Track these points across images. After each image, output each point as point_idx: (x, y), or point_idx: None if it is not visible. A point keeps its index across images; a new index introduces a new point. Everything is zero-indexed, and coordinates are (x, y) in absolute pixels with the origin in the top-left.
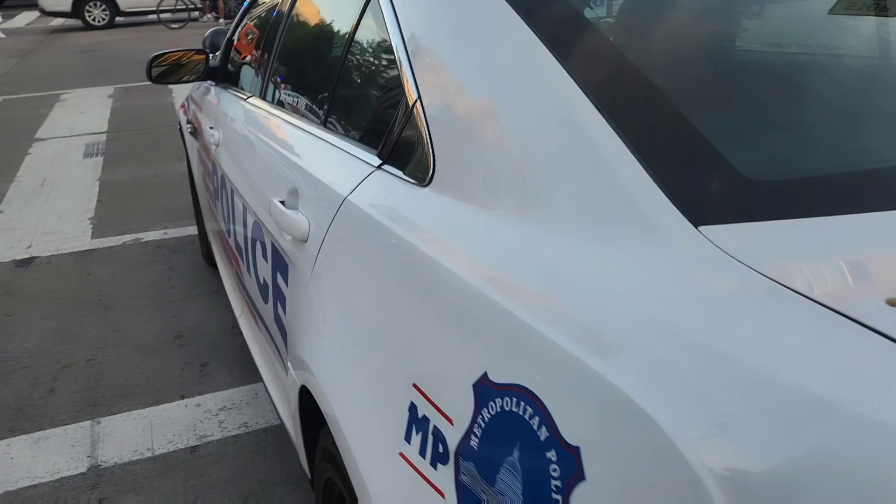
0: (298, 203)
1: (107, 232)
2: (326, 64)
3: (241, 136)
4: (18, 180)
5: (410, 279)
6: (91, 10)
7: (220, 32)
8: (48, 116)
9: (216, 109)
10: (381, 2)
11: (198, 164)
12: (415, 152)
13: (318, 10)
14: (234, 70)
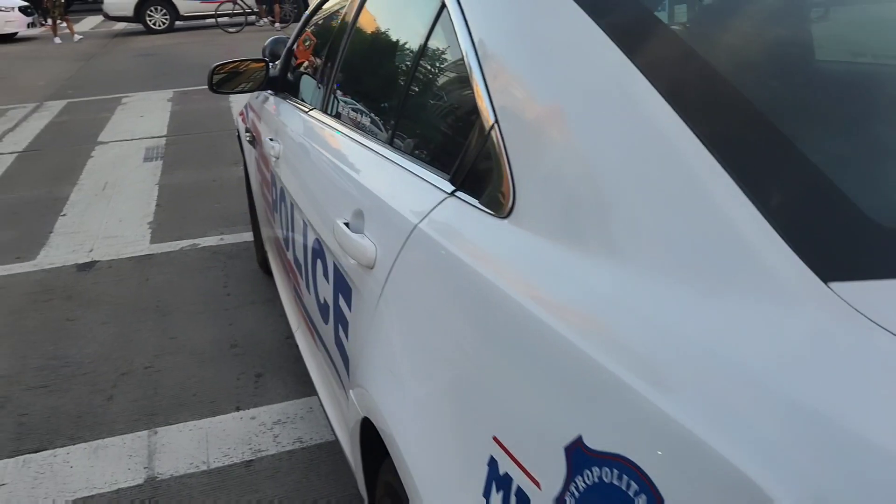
0: (364, 226)
1: (165, 237)
2: (393, 79)
3: (302, 151)
4: (81, 183)
5: (492, 323)
6: (152, 15)
7: (279, 41)
8: (110, 120)
9: (276, 120)
10: (453, 16)
11: (255, 174)
12: (491, 180)
13: (384, 22)
14: (294, 80)
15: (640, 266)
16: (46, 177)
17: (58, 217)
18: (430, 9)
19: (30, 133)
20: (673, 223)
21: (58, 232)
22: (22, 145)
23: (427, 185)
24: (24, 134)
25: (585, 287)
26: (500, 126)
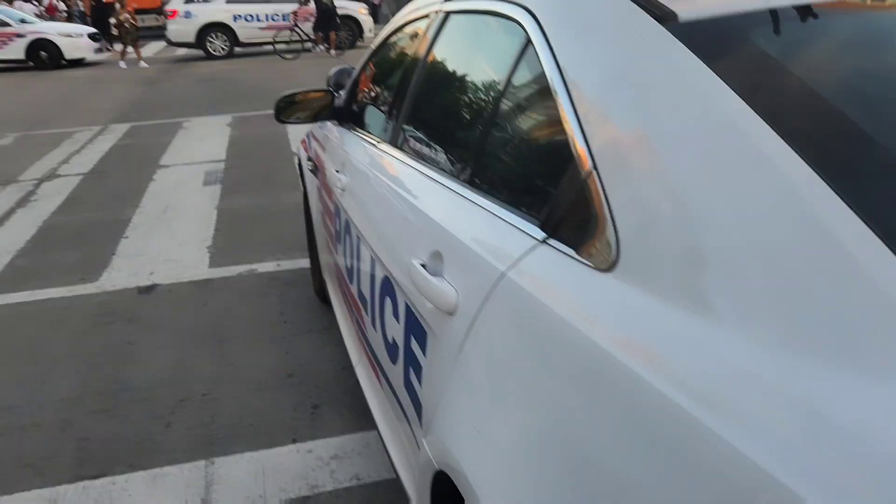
0: (443, 269)
1: (223, 261)
2: (472, 116)
3: (371, 185)
4: (143, 206)
5: (596, 387)
6: (213, 41)
7: (344, 72)
8: (171, 144)
9: (342, 152)
10: (539, 52)
11: (317, 203)
12: (590, 229)
13: (460, 55)
14: (361, 112)
15: (778, 338)
16: (110, 199)
17: (120, 239)
18: (512, 43)
19: (95, 155)
20: (815, 289)
21: (120, 254)
22: (87, 167)
23: (513, 230)
24: (89, 156)
25: (711, 358)
26: (598, 172)
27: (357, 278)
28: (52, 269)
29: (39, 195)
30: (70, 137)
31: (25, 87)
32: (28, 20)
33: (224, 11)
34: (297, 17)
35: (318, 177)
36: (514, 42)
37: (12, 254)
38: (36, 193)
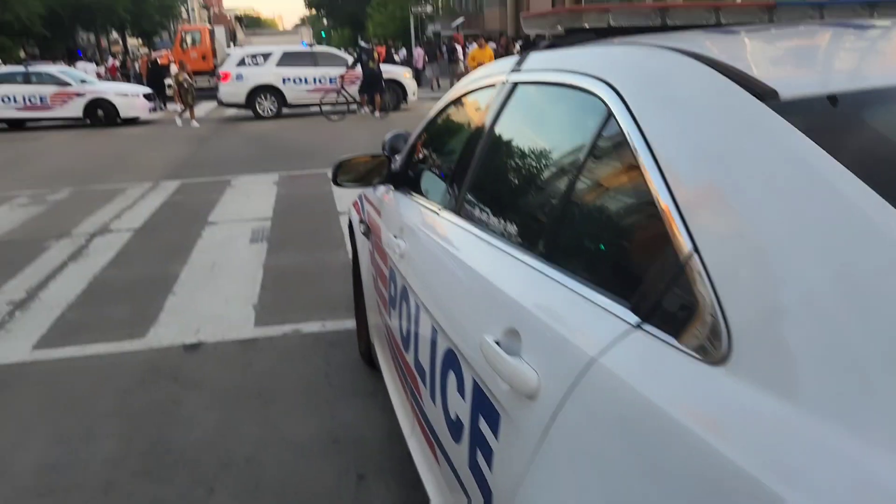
0: (521, 349)
1: (269, 320)
2: (548, 187)
3: (434, 253)
4: (191, 262)
5: (714, 496)
6: (261, 102)
7: (399, 136)
8: (219, 201)
9: (400, 217)
10: (623, 124)
11: (369, 265)
12: (693, 317)
13: (533, 124)
14: (419, 177)
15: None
16: (159, 254)
17: (168, 295)
18: (591, 116)
19: (146, 211)
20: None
21: (167, 310)
22: (138, 223)
23: (601, 312)
24: (140, 212)
25: (855, 472)
26: (701, 255)
27: (414, 347)
28: (100, 323)
29: (91, 249)
30: (123, 193)
31: (82, 143)
32: (88, 80)
33: (274, 74)
34: (344, 79)
35: (372, 240)
36: (594, 115)
37: (63, 307)
38: (88, 248)
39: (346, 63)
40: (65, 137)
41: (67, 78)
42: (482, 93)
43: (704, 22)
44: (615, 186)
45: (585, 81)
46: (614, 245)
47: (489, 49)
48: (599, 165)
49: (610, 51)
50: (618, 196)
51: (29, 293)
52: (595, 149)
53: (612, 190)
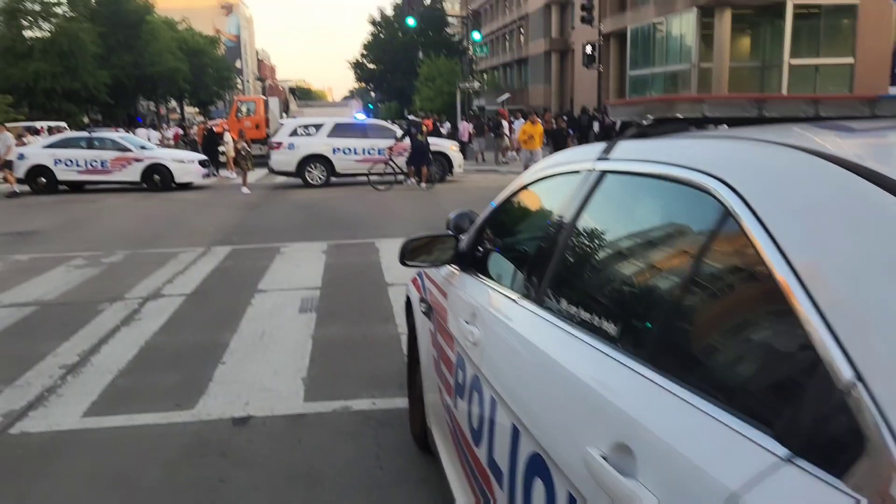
0: (636, 470)
1: (318, 395)
2: (657, 285)
3: (514, 348)
4: (241, 331)
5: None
6: (311, 171)
7: (465, 216)
8: (269, 268)
9: (470, 302)
10: (749, 228)
11: (430, 347)
12: (861, 453)
13: (632, 211)
14: (489, 260)
15: None
16: (210, 321)
17: (217, 364)
18: (705, 213)
19: (197, 276)
20: None
21: (216, 380)
22: (190, 288)
23: (737, 438)
24: (192, 277)
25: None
26: (867, 384)
27: (488, 443)
28: (150, 391)
29: (144, 314)
30: (175, 258)
31: (137, 206)
32: (147, 146)
33: (325, 144)
34: (393, 151)
35: (434, 320)
36: (707, 213)
37: (114, 373)
38: (140, 312)
39: (394, 135)
40: (121, 200)
41: (128, 144)
42: (563, 179)
43: (802, 114)
44: (746, 295)
45: (693, 176)
46: (747, 361)
47: (540, 125)
48: (721, 269)
49: (721, 145)
50: (749, 306)
51: (81, 357)
52: (713, 250)
53: (742, 298)
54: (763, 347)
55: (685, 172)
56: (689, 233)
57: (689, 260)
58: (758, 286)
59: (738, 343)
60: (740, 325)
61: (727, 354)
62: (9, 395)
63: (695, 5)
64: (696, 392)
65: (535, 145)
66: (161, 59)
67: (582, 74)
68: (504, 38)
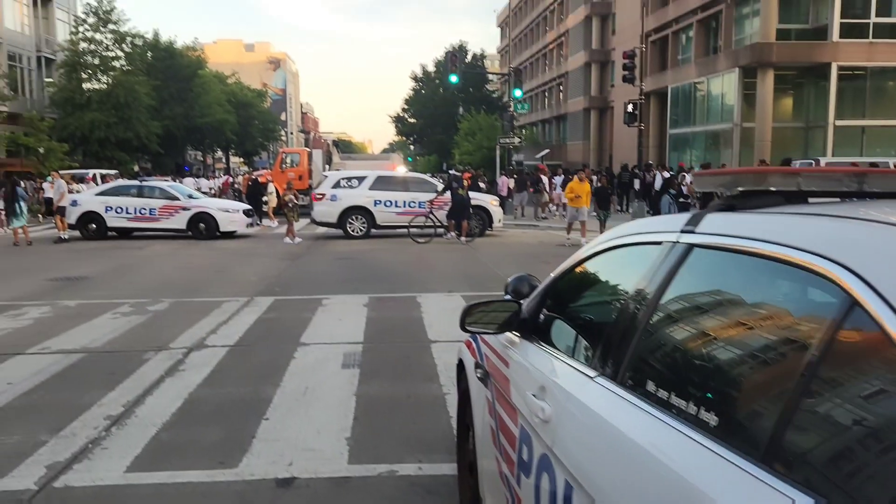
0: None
1: (362, 456)
2: (772, 375)
3: (596, 431)
4: (283, 386)
5: None
6: (352, 223)
7: (523, 280)
8: (311, 321)
9: (538, 374)
10: (887, 323)
11: (486, 416)
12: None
13: (729, 290)
14: (553, 329)
15: None
16: (253, 374)
17: (261, 420)
18: (821, 299)
19: (241, 327)
20: None
21: (260, 437)
22: (233, 339)
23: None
24: (235, 328)
25: None
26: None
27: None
28: (193, 446)
29: (188, 364)
30: (219, 307)
31: (182, 254)
32: (194, 196)
33: (366, 197)
34: (433, 204)
35: (491, 388)
36: (825, 300)
37: (158, 426)
38: (185, 362)
39: (435, 188)
40: (167, 248)
41: (176, 192)
42: (639, 250)
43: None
44: (885, 395)
45: (807, 258)
46: (885, 474)
47: (588, 183)
48: (850, 364)
49: (835, 226)
50: (891, 406)
51: (126, 408)
52: (837, 342)
53: (880, 398)
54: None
55: (796, 254)
56: (805, 320)
57: (807, 350)
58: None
59: (875, 450)
60: (880, 429)
61: (858, 461)
62: (54, 446)
63: (737, 66)
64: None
65: (581, 203)
66: (210, 111)
67: (621, 131)
68: (543, 95)
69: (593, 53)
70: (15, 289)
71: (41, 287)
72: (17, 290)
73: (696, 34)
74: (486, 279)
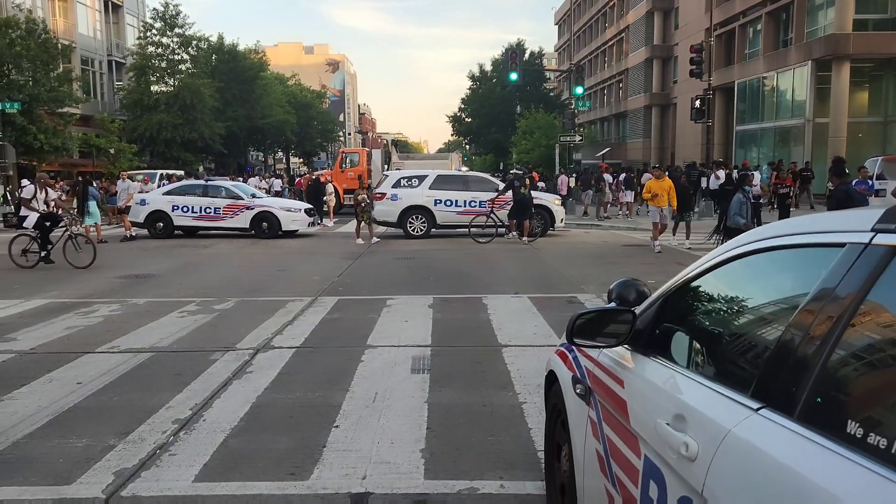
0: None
1: (440, 471)
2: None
3: (785, 485)
4: (352, 391)
5: None
6: (413, 223)
7: (630, 285)
8: (377, 322)
9: (669, 399)
10: None
11: (589, 438)
12: None
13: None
14: (679, 343)
15: None
16: (320, 378)
17: (331, 428)
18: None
19: (306, 328)
20: None
21: (331, 447)
22: (299, 341)
23: None
24: (301, 329)
25: None
26: None
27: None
28: (263, 455)
29: (255, 366)
30: (283, 307)
31: (246, 253)
32: (257, 195)
33: (426, 196)
34: (495, 203)
35: (596, 407)
36: None
37: (226, 432)
38: (252, 364)
39: (496, 188)
40: (231, 246)
41: (240, 192)
42: (807, 253)
43: None
44: None
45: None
46: None
47: (668, 180)
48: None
49: None
50: None
51: (194, 411)
52: None
53: None
54: None
55: None
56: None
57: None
58: None
59: None
60: None
61: None
62: (122, 451)
63: (810, 59)
64: None
65: (662, 202)
66: (271, 111)
67: (683, 129)
68: (602, 93)
69: (655, 49)
70: (86, 286)
71: (111, 284)
72: (89, 287)
73: (764, 27)
74: (552, 280)
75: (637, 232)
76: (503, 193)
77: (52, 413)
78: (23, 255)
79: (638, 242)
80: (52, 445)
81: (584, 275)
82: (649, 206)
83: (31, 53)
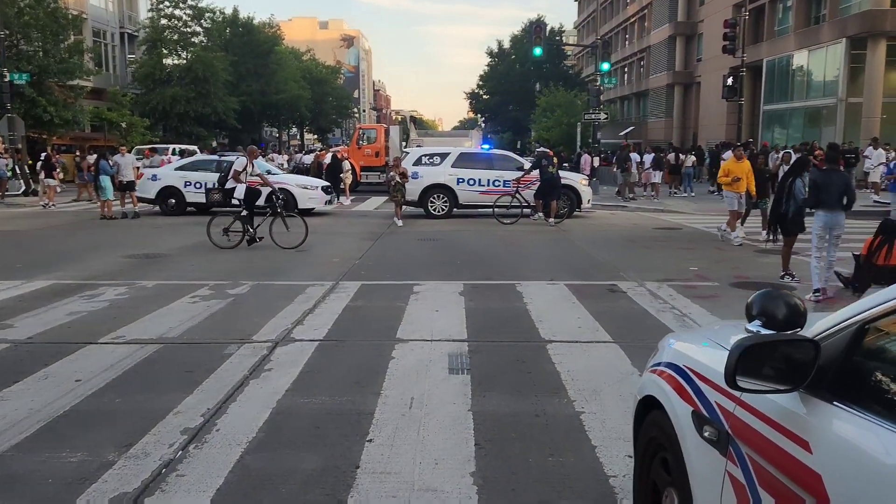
0: None
1: (496, 502)
2: None
3: None
4: (385, 395)
5: None
6: (434, 202)
7: (778, 299)
8: (405, 312)
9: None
10: None
11: (728, 496)
12: None
13: None
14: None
15: None
16: (348, 378)
17: (364, 443)
18: None
19: (329, 317)
20: None
21: (365, 468)
22: (322, 332)
23: None
24: (323, 318)
25: None
26: None
27: None
28: (286, 478)
29: (274, 363)
30: (303, 292)
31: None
32: (274, 171)
33: (448, 175)
34: (520, 183)
35: (743, 462)
36: None
37: (243, 446)
38: (270, 360)
39: (521, 166)
40: None
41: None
42: None
43: None
44: None
45: None
46: None
47: (747, 162)
48: None
49: None
50: None
51: (206, 418)
52: None
53: None
54: None
55: None
56: None
57: None
58: None
59: None
60: None
61: None
62: (122, 470)
63: (844, 36)
64: None
65: (741, 188)
66: (286, 86)
67: (707, 108)
68: (623, 71)
69: (678, 26)
70: (93, 266)
71: (119, 264)
72: (95, 267)
73: (795, 3)
74: (587, 265)
75: (666, 214)
76: (529, 172)
77: (44, 418)
78: (224, 234)
79: (670, 225)
80: (41, 461)
81: (619, 259)
82: (724, 192)
83: (41, 23)
